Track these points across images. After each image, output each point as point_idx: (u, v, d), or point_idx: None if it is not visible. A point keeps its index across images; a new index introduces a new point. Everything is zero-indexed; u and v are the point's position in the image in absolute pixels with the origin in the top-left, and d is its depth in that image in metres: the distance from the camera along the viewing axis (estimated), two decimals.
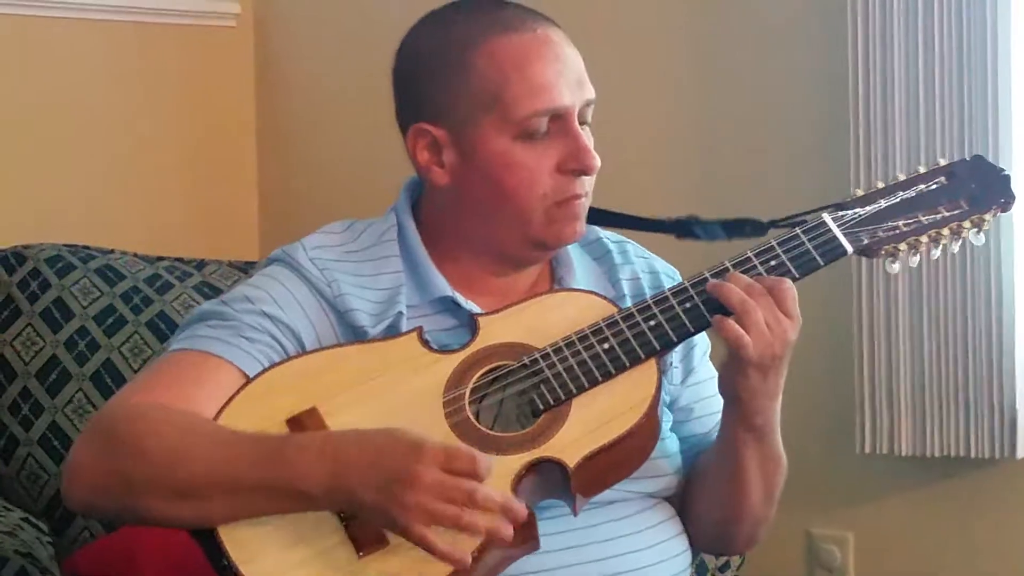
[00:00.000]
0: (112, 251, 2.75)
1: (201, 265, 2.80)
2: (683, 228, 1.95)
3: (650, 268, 1.99)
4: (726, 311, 1.79)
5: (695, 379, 2.00)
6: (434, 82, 1.87)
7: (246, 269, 2.84)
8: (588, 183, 1.88)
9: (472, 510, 1.63)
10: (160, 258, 2.78)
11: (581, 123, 1.87)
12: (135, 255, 2.76)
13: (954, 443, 2.68)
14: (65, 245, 2.71)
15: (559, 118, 1.84)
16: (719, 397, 1.99)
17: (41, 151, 3.10)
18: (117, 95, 3.24)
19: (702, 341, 2.00)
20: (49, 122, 3.12)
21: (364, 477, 1.65)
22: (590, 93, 1.87)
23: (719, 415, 1.98)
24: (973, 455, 2.67)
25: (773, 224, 1.89)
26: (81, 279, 2.64)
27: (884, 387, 2.72)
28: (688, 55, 2.98)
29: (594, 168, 1.86)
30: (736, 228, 1.92)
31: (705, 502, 1.94)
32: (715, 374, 2.01)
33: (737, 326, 1.77)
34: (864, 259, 2.67)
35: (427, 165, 1.88)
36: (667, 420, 1.94)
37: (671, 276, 2.00)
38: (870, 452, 2.74)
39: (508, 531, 1.66)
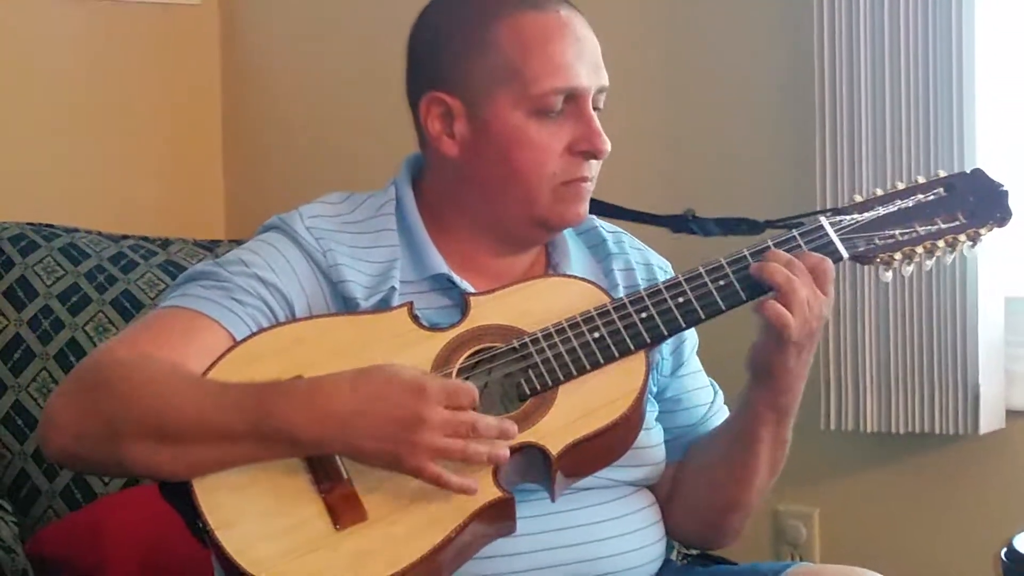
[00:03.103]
0: (76, 230, 2.74)
1: (166, 244, 2.80)
2: (679, 223, 1.95)
3: (644, 260, 2.00)
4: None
5: (684, 371, 2.00)
6: (454, 52, 1.86)
7: (212, 248, 2.84)
8: (595, 167, 1.88)
9: (475, 441, 1.66)
10: (125, 237, 2.78)
11: (593, 108, 1.87)
12: (99, 234, 2.76)
13: (919, 420, 2.69)
14: (28, 223, 2.70)
15: (574, 99, 1.84)
16: (707, 390, 2.02)
17: (4, 129, 3.08)
18: (82, 73, 3.22)
19: (692, 336, 2.01)
20: (13, 100, 3.10)
21: (367, 423, 1.65)
22: (605, 80, 1.88)
23: (705, 407, 2.00)
24: (937, 431, 2.67)
25: (769, 224, 1.89)
26: (45, 258, 2.64)
27: (850, 364, 2.73)
28: (657, 54, 2.98)
29: (604, 152, 1.86)
30: (732, 226, 1.92)
31: (704, 488, 1.94)
32: (701, 369, 2.03)
33: (780, 305, 1.77)
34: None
35: (438, 135, 1.88)
36: (653, 410, 1.94)
37: (664, 269, 2.00)
38: (835, 429, 2.75)
39: (506, 453, 1.69)
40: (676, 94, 2.97)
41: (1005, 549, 2.23)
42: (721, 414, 2.02)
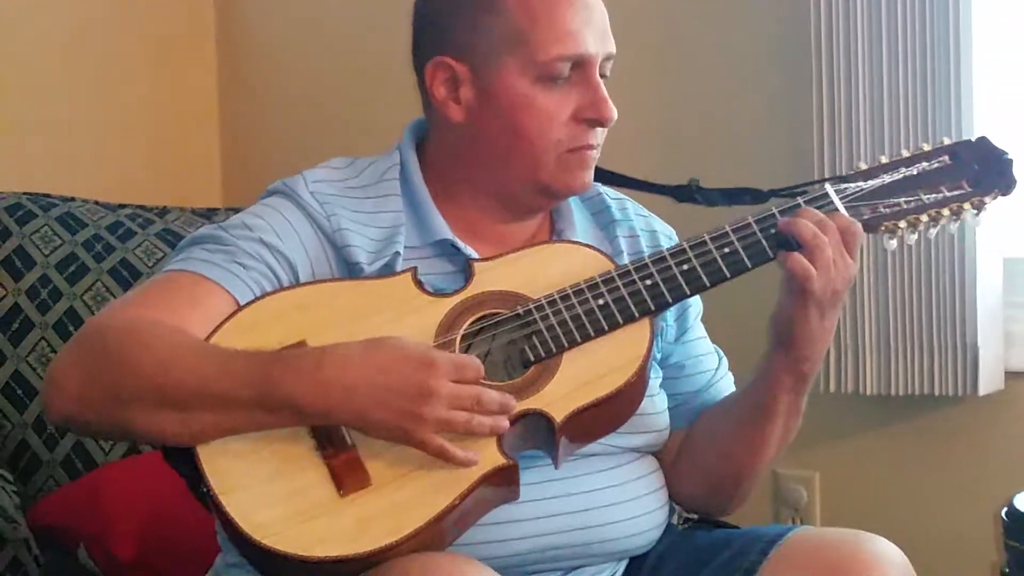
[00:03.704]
0: (73, 199, 2.73)
1: (163, 212, 2.79)
2: (684, 193, 1.94)
3: (648, 227, 1.99)
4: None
5: (688, 337, 2.00)
6: (461, 17, 1.86)
7: (209, 216, 2.84)
8: (601, 135, 1.87)
9: (479, 414, 1.67)
10: (122, 205, 2.77)
11: (600, 75, 1.86)
12: (96, 203, 2.75)
13: (918, 382, 2.70)
14: (25, 193, 2.69)
15: (581, 66, 1.84)
16: (711, 356, 2.01)
17: (0, 99, 3.08)
18: (77, 42, 3.21)
19: (696, 303, 2.01)
20: (7, 70, 3.09)
21: (374, 395, 1.65)
22: (612, 47, 1.87)
23: (709, 374, 1.99)
24: (937, 393, 2.68)
25: (774, 193, 1.88)
26: (42, 227, 2.63)
27: (849, 327, 2.73)
28: (654, 25, 2.97)
29: (610, 119, 1.85)
30: (736, 196, 1.91)
31: (714, 456, 1.94)
32: (706, 335, 2.02)
33: (804, 259, 1.77)
34: None
35: (443, 100, 1.87)
36: (657, 376, 1.94)
37: (669, 237, 2.00)
38: (835, 391, 2.75)
39: (506, 424, 1.69)
40: (673, 66, 2.96)
41: (1005, 509, 2.23)
42: (725, 381, 2.02)
